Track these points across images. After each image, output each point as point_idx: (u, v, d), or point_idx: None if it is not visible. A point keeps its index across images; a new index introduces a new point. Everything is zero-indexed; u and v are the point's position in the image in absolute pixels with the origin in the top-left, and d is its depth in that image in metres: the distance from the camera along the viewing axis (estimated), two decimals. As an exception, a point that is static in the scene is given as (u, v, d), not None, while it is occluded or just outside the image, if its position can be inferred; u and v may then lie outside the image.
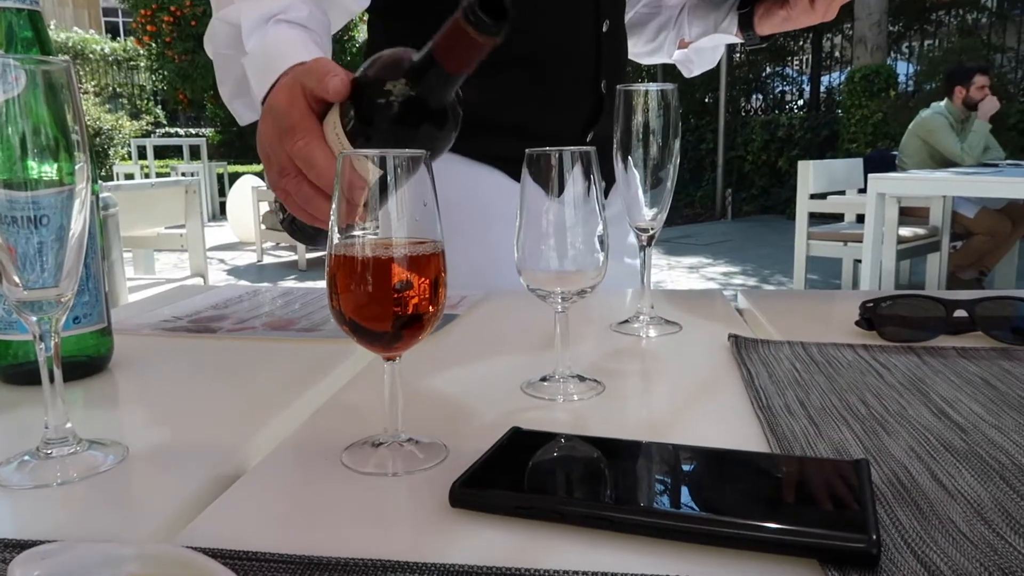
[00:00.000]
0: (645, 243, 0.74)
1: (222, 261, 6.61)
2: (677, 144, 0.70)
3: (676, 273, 5.75)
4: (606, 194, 1.01)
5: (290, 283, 5.51)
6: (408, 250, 0.41)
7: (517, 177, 0.80)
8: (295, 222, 0.67)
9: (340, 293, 0.41)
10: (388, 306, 0.41)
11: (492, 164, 0.93)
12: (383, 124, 0.56)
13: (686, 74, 1.19)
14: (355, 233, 0.41)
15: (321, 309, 0.84)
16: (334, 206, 0.42)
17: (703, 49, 1.13)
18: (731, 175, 9.72)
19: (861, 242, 3.53)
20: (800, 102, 10.49)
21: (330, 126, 0.60)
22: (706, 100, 10.37)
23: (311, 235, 0.68)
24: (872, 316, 0.70)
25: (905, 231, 3.91)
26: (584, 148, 0.52)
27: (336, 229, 0.42)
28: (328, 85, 0.58)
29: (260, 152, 0.65)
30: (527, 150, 0.52)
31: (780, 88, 10.73)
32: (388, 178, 0.40)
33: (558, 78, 0.93)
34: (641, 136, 0.69)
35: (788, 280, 5.26)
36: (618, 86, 0.70)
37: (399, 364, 0.45)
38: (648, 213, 0.72)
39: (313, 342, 0.71)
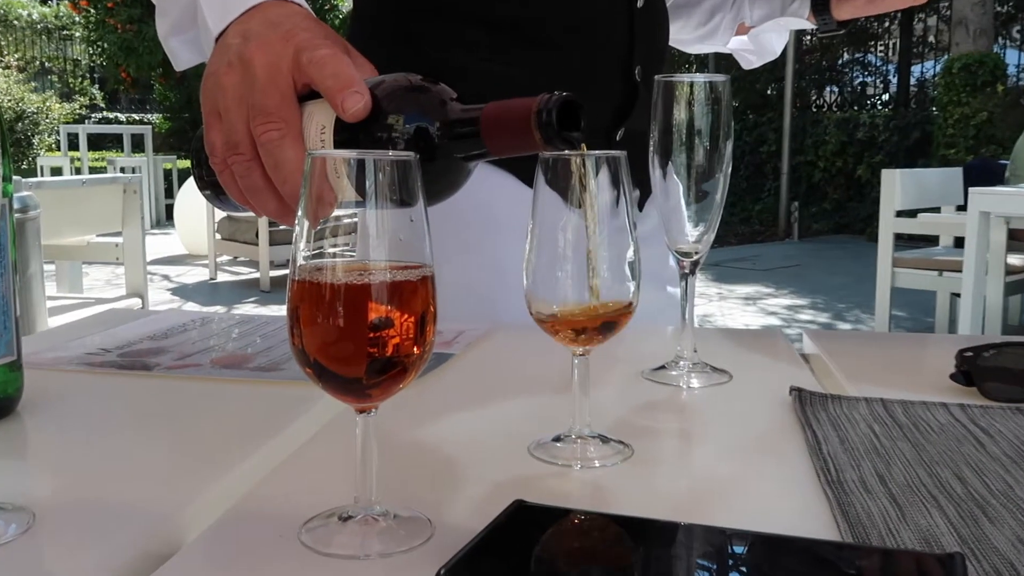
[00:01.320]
0: (688, 270, 0.73)
1: (166, 278, 6.65)
2: (729, 147, 0.70)
3: (727, 306, 5.74)
4: (640, 206, 1.01)
5: (249, 308, 5.54)
6: (389, 276, 0.41)
7: (531, 183, 0.80)
8: (217, 188, 0.69)
9: (303, 328, 0.41)
10: (362, 346, 0.41)
11: (500, 165, 0.94)
12: None
13: (744, 65, 1.19)
14: (324, 254, 0.41)
15: (285, 343, 0.85)
16: (300, 214, 0.42)
17: (766, 36, 1.14)
18: (798, 185, 9.75)
19: (960, 272, 3.50)
20: (885, 96, 10.54)
21: (315, 126, 0.61)
22: (768, 92, 10.45)
23: (230, 204, 0.70)
24: (972, 368, 0.69)
25: (1015, 259, 3.88)
26: (612, 153, 0.52)
27: (300, 247, 0.42)
28: (346, 103, 0.59)
29: (204, 99, 0.66)
30: (541, 154, 0.53)
31: (860, 79, 10.79)
32: (367, 187, 0.40)
33: (581, 61, 0.94)
34: (684, 137, 0.69)
35: (868, 318, 5.23)
36: (656, 76, 0.71)
37: (375, 417, 0.45)
38: (692, 233, 0.72)
39: (272, 384, 0.71)
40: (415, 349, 0.42)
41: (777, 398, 0.68)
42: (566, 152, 0.53)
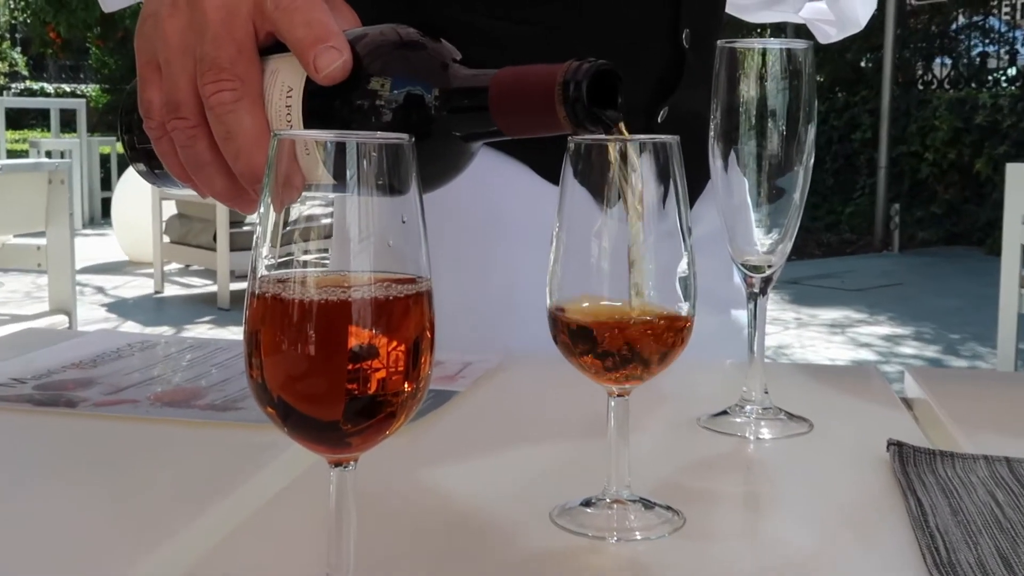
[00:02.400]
0: (757, 289, 0.73)
1: (100, 290, 6.71)
2: (812, 133, 0.70)
3: (808, 335, 5.71)
4: (691, 202, 1.00)
5: (203, 330, 5.58)
6: (375, 292, 0.41)
7: (552, 176, 0.80)
8: (151, 160, 0.69)
9: (264, 357, 0.41)
10: (339, 381, 0.41)
11: (514, 155, 0.94)
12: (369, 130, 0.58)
13: (821, 39, 1.18)
14: (293, 262, 0.41)
15: (244, 375, 0.85)
16: (260, 211, 0.42)
17: (848, 1, 1.13)
18: (900, 182, 9.71)
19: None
20: (1011, 71, 10.48)
21: (279, 87, 0.61)
22: (862, 64, 10.44)
23: (167, 180, 0.71)
24: (1123, 420, 0.68)
25: None
26: (662, 138, 0.52)
27: (261, 252, 0.42)
28: (320, 60, 0.59)
29: (140, 47, 0.66)
30: (569, 137, 0.53)
31: (980, 48, 10.75)
32: (348, 177, 0.40)
33: (616, 21, 0.93)
34: (754, 120, 0.69)
35: (988, 352, 5.18)
36: (719, 41, 0.71)
37: (354, 472, 0.44)
38: (763, 241, 0.71)
39: (228, 428, 0.71)
40: (407, 385, 0.42)
41: (871, 454, 0.67)
42: (604, 137, 0.53)
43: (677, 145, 0.53)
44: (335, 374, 0.41)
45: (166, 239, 6.51)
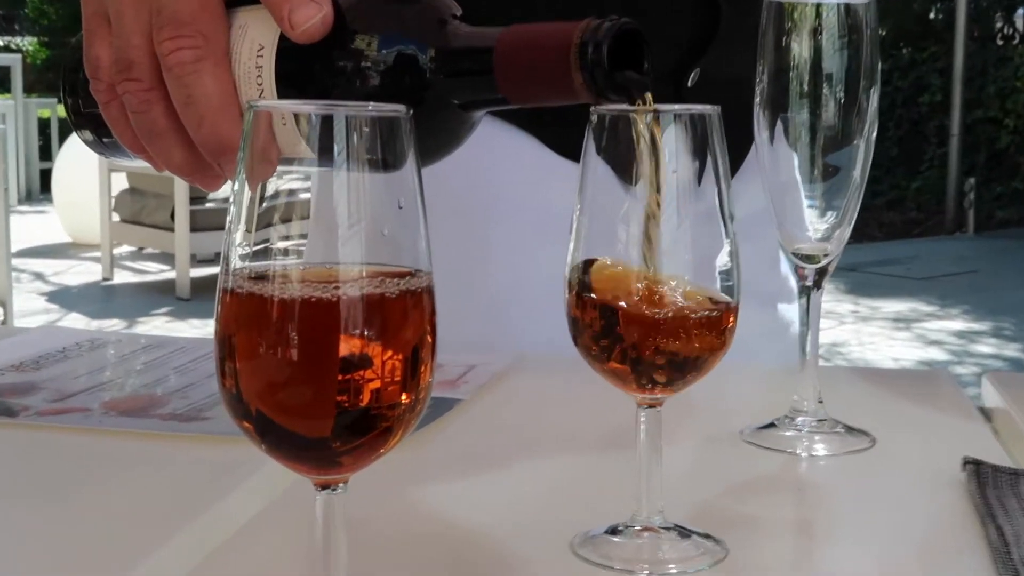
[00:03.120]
0: (810, 282, 0.73)
1: (39, 277, 6.72)
2: (875, 98, 0.70)
3: (868, 332, 5.70)
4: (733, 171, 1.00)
5: (160, 324, 5.58)
6: (367, 288, 0.41)
7: (567, 151, 0.79)
8: (98, 126, 0.69)
9: (240, 363, 0.42)
10: (328, 392, 0.41)
11: (522, 126, 0.94)
12: (353, 97, 0.58)
13: None
14: (271, 251, 0.42)
15: (212, 380, 0.85)
16: (233, 194, 0.43)
17: None
18: (975, 153, 9.68)
19: None
20: (1108, 22, 10.43)
21: (247, 45, 0.62)
22: (931, 16, 10.39)
23: (117, 150, 0.71)
24: None
25: None
26: (700, 108, 0.52)
27: (235, 240, 0.42)
28: (296, 15, 0.58)
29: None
30: (592, 108, 0.53)
31: (1071, -4, 10.69)
32: (336, 155, 0.40)
33: None
34: (807, 85, 0.69)
35: (1080, 351, 5.18)
36: (765, -6, 0.71)
37: (344, 496, 0.44)
38: (817, 226, 0.71)
39: (193, 441, 0.71)
40: (404, 397, 0.42)
41: (943, 474, 0.67)
42: (634, 107, 0.53)
43: (718, 116, 0.53)
44: (322, 384, 0.41)
45: (116, 218, 6.51)
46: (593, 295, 0.54)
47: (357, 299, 0.41)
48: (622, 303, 0.53)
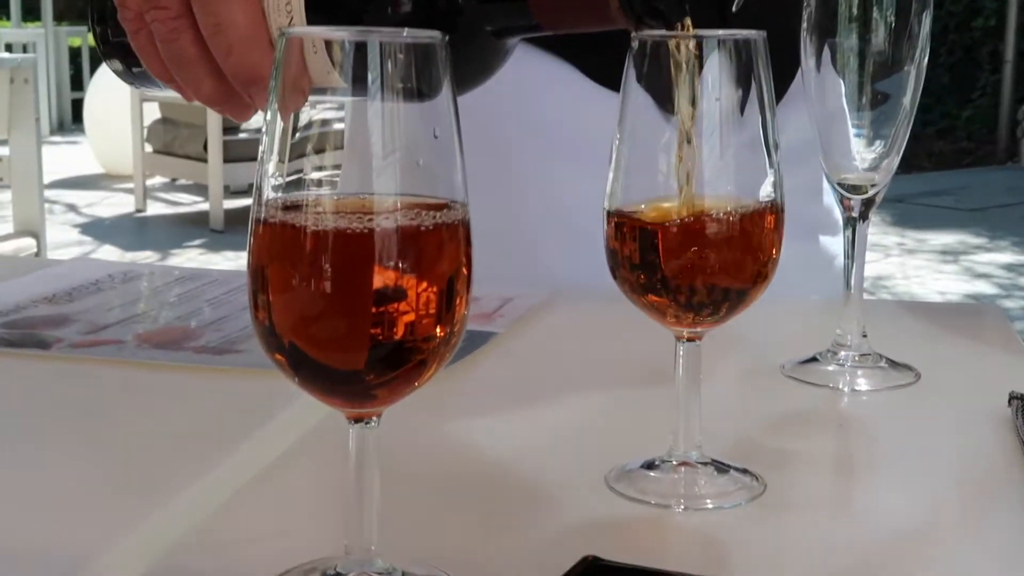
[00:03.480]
0: (856, 213, 0.73)
1: (72, 208, 6.77)
2: (927, 22, 0.69)
3: (915, 264, 5.66)
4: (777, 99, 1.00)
5: (193, 256, 5.62)
6: (401, 219, 0.41)
7: (604, 79, 0.78)
8: (127, 56, 0.69)
9: (273, 296, 0.42)
10: (362, 324, 0.41)
11: (558, 53, 0.93)
12: (385, 24, 0.57)
13: None
14: (304, 181, 0.41)
15: (245, 312, 0.85)
16: (265, 124, 0.42)
17: None
18: (1027, 80, 9.52)
19: None
20: None
21: None
22: (981, -64, 10.17)
23: (147, 80, 0.71)
24: None
25: None
26: (744, 33, 0.52)
27: (267, 171, 0.42)
28: None
29: None
30: (633, 34, 0.52)
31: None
32: (370, 83, 0.40)
33: None
34: (856, 7, 0.68)
35: None
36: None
37: (377, 429, 0.45)
38: (864, 155, 0.71)
39: (226, 374, 0.72)
40: (439, 330, 0.42)
41: (989, 410, 0.66)
42: (676, 33, 0.52)
43: (763, 42, 0.52)
44: (357, 316, 0.41)
45: (148, 148, 6.53)
46: (633, 223, 0.53)
47: (392, 231, 0.41)
48: (661, 229, 0.53)
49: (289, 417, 0.64)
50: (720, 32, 0.52)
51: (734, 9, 0.94)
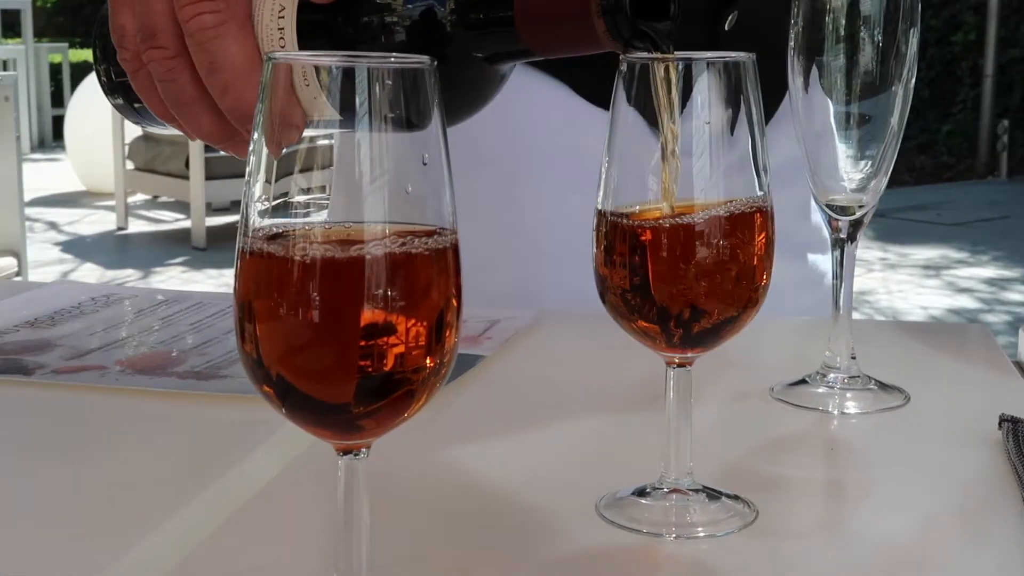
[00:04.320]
0: (844, 235, 0.73)
1: (53, 227, 6.74)
2: (914, 42, 0.69)
3: (897, 280, 5.68)
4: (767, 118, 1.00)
5: (175, 275, 5.60)
6: (389, 248, 0.41)
7: (594, 97, 0.78)
8: (128, 94, 0.70)
9: (260, 326, 0.41)
10: (350, 356, 0.41)
11: (554, 74, 0.93)
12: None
13: None
14: (291, 205, 0.42)
15: (229, 336, 0.85)
16: (254, 144, 0.42)
17: None
18: (1009, 95, 9.59)
19: None
20: None
21: (270, 8, 0.62)
22: (965, -50, 10.25)
23: (149, 118, 0.71)
24: None
25: None
26: (734, 55, 0.52)
27: (253, 196, 0.42)
28: None
29: None
30: (621, 57, 0.53)
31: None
32: (358, 110, 0.40)
33: None
34: (843, 27, 0.68)
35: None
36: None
37: (366, 460, 0.44)
38: (852, 175, 0.71)
39: (213, 400, 0.72)
40: (429, 361, 0.42)
41: (979, 432, 0.67)
42: (664, 56, 0.52)
43: (752, 63, 0.52)
44: (345, 348, 0.41)
45: (130, 165, 6.52)
46: (622, 242, 0.53)
47: (380, 258, 0.41)
48: (650, 247, 0.53)
49: (276, 443, 0.64)
50: (709, 54, 0.52)
51: (727, 27, 0.94)
